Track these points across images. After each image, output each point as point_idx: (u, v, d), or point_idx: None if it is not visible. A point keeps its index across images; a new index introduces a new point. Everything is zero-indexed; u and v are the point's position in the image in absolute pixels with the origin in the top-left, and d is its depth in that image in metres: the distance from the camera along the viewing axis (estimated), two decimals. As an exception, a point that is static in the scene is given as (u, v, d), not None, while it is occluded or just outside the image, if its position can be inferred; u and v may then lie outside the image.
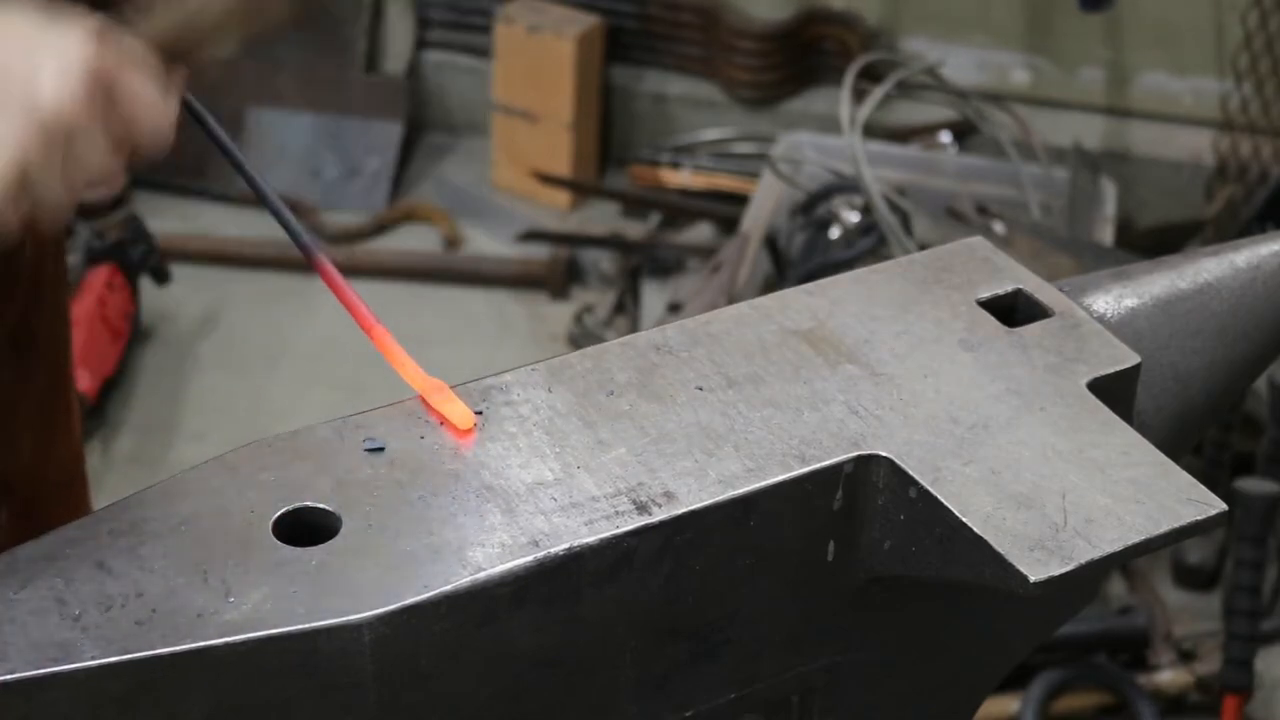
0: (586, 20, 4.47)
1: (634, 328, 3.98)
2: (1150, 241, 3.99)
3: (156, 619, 1.12)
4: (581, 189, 4.54)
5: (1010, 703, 3.11)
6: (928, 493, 1.24)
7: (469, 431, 1.27)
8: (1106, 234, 3.87)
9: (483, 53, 4.62)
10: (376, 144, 4.59)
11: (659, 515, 1.21)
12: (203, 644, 1.11)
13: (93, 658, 1.10)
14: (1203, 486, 1.26)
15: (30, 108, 1.14)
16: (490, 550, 1.18)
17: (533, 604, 1.18)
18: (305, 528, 1.20)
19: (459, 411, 1.28)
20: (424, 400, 1.29)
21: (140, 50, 1.21)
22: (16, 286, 1.58)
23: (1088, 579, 1.30)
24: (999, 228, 3.70)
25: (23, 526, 1.47)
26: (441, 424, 1.28)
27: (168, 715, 1.12)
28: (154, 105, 1.20)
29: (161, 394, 3.94)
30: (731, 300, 3.44)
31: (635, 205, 4.48)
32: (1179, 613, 3.37)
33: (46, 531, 1.19)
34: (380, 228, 4.49)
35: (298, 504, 1.21)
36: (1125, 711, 3.16)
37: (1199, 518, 1.24)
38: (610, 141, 4.64)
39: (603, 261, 4.29)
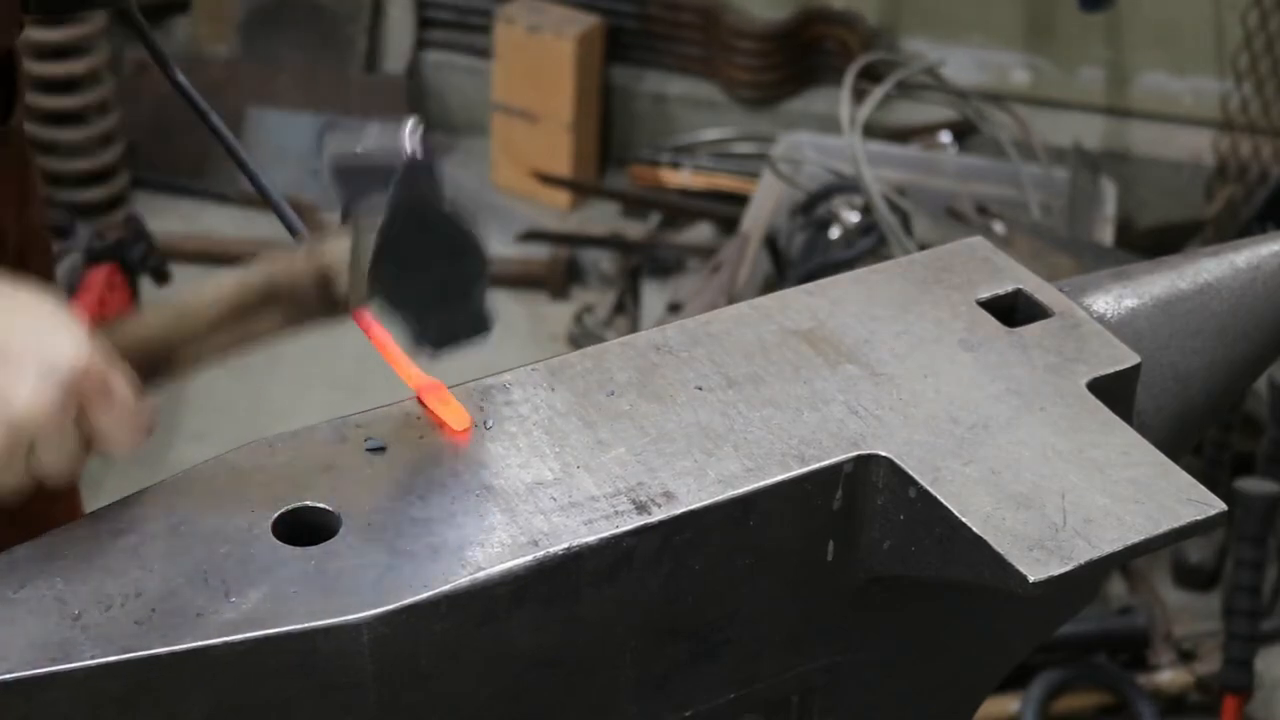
0: (586, 20, 4.47)
1: (634, 328, 3.98)
2: (1150, 241, 3.99)
3: (156, 619, 1.12)
4: (581, 189, 4.53)
5: (1010, 703, 3.11)
6: (927, 493, 1.24)
7: (465, 432, 1.27)
8: (1106, 234, 3.87)
9: (483, 53, 4.62)
10: (376, 144, 4.58)
11: (658, 515, 1.21)
12: (202, 644, 1.11)
13: (92, 657, 1.10)
14: (1202, 486, 1.26)
15: (1, 409, 1.14)
16: (490, 550, 1.18)
17: (532, 603, 1.18)
18: (305, 527, 1.20)
19: (455, 412, 1.28)
20: (420, 400, 1.29)
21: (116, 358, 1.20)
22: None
23: (1087, 579, 1.30)
24: (999, 228, 3.70)
25: (14, 522, 1.46)
26: (439, 425, 1.28)
27: (167, 715, 1.12)
28: (127, 416, 1.20)
29: (161, 394, 3.94)
30: (731, 300, 3.44)
31: (635, 205, 4.48)
32: (1179, 613, 3.37)
33: (37, 527, 1.19)
34: (380, 228, 4.48)
35: (297, 504, 1.21)
36: (1125, 711, 3.16)
37: (1199, 518, 1.24)
38: (610, 141, 4.63)
39: (603, 261, 4.29)
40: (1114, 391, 1.35)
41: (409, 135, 1.20)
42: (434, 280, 1.23)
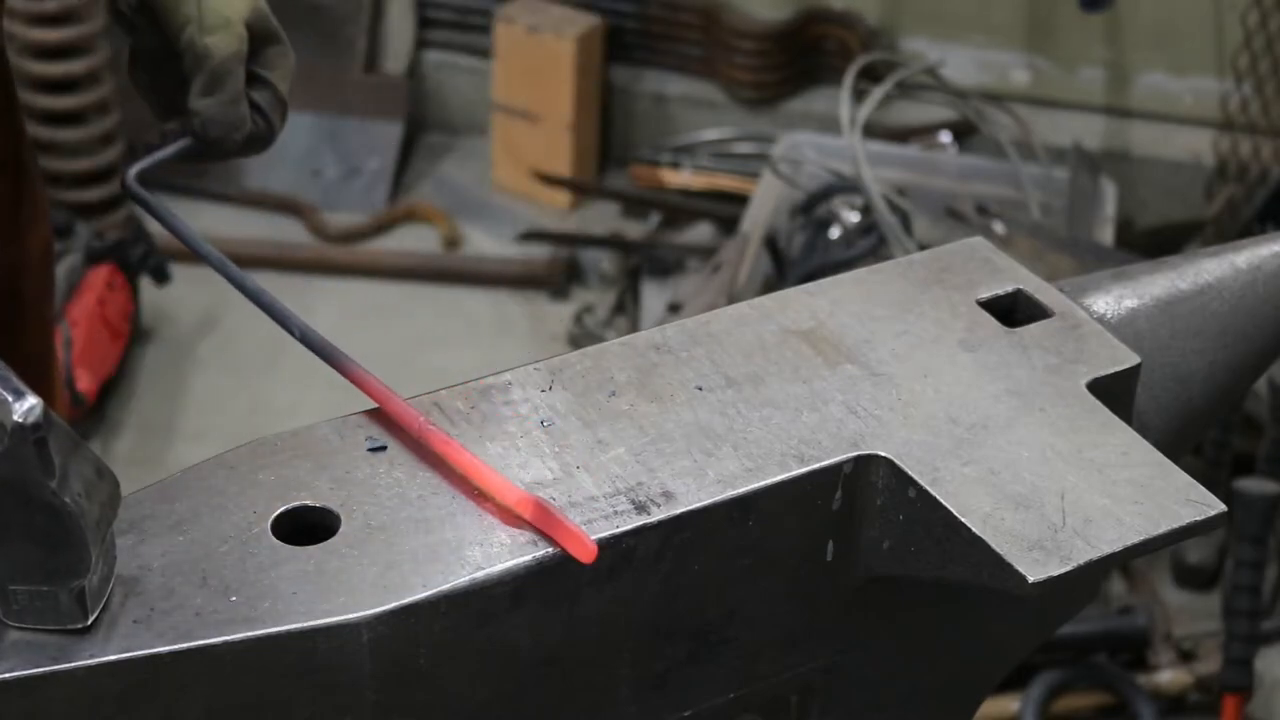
0: (586, 20, 4.47)
1: (634, 328, 3.98)
2: (1150, 241, 4.00)
3: (155, 618, 1.12)
4: (581, 189, 4.54)
5: (1010, 703, 3.11)
6: (926, 493, 1.24)
7: (590, 558, 1.18)
8: (1106, 234, 3.87)
9: (483, 53, 4.62)
10: (376, 144, 4.59)
11: (658, 515, 1.21)
12: (201, 643, 1.11)
13: (91, 656, 1.10)
14: (1202, 487, 1.26)
15: None
16: (489, 549, 1.18)
17: (531, 603, 1.18)
18: (305, 527, 1.20)
19: (575, 537, 1.18)
20: (536, 526, 1.19)
21: None
22: None
23: (1087, 579, 1.30)
24: (999, 228, 3.70)
25: None
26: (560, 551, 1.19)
27: (166, 714, 1.12)
28: None
29: (161, 394, 3.94)
30: (731, 300, 3.44)
31: (635, 205, 4.48)
32: (1179, 613, 3.37)
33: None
34: (380, 228, 4.49)
35: (297, 504, 1.21)
36: (1125, 711, 3.16)
37: (1198, 518, 1.24)
38: (610, 141, 4.63)
39: (603, 261, 4.29)
40: (1114, 392, 1.36)
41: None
42: (21, 559, 1.09)
